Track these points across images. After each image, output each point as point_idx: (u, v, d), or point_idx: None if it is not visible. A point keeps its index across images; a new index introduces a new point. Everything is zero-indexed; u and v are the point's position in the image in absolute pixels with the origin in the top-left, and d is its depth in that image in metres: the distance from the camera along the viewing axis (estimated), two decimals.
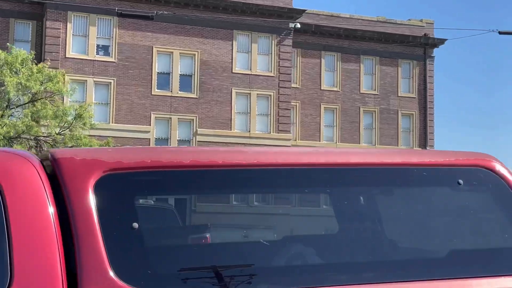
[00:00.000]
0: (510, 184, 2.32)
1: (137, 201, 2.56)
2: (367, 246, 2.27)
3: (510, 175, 2.37)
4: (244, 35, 34.33)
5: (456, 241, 2.33)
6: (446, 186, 2.38)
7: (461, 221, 2.44)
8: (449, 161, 2.36)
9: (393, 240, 2.37)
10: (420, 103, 39.89)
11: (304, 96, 37.39)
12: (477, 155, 2.42)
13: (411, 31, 40.04)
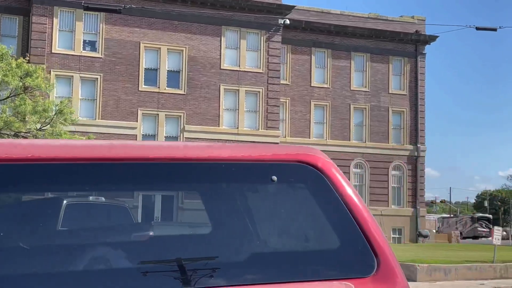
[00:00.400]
0: (333, 181, 2.13)
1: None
2: (154, 246, 2.09)
3: (335, 171, 2.19)
4: (232, 31, 34.12)
5: (260, 243, 2.14)
6: (257, 183, 2.18)
7: (268, 222, 2.26)
8: (264, 156, 2.16)
9: (184, 242, 2.19)
10: (411, 100, 39.69)
11: (294, 92, 37.20)
12: (299, 150, 2.22)
13: (402, 27, 39.81)
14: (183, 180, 2.17)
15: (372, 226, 2.14)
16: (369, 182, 38.22)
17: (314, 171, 2.14)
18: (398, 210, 38.70)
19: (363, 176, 38.31)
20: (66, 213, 2.44)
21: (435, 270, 14.84)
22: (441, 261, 15.49)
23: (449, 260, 15.94)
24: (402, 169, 39.12)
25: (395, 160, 38.97)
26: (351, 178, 37.82)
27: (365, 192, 38.14)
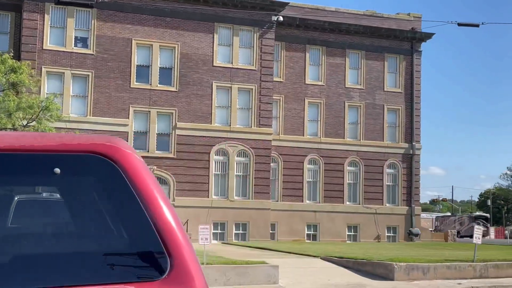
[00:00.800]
0: (129, 174, 1.97)
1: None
2: None
3: (136, 163, 2.02)
4: (225, 28, 33.98)
5: (28, 244, 1.97)
6: (38, 176, 2.01)
7: (42, 220, 2.11)
8: (50, 146, 1.97)
9: None
10: (407, 98, 39.45)
11: (288, 90, 37.03)
12: (96, 139, 2.03)
13: (398, 25, 39.57)
14: None
15: (169, 224, 1.99)
16: (363, 181, 38.02)
17: (108, 162, 1.97)
18: (393, 209, 38.51)
19: (357, 174, 38.12)
20: None
21: (413, 269, 14.68)
22: (421, 260, 15.33)
23: (430, 259, 15.77)
24: (397, 168, 38.91)
25: (390, 158, 38.76)
26: (345, 176, 37.69)
27: (359, 190, 37.96)
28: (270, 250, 21.38)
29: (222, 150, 33.43)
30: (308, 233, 36.78)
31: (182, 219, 31.86)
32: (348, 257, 16.55)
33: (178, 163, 32.41)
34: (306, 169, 37.00)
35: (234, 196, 33.48)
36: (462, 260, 15.55)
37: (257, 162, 33.84)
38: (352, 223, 37.61)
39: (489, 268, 15.29)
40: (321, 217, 36.88)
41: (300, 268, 15.57)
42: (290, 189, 36.52)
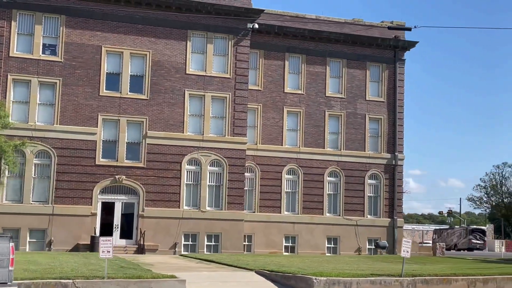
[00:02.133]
0: None
1: None
2: None
3: None
4: (199, 35, 33.49)
5: None
6: None
7: None
8: None
9: None
10: (389, 107, 38.56)
11: (266, 98, 36.38)
12: None
13: (381, 33, 38.77)
14: None
15: None
16: (344, 191, 37.12)
17: None
18: (375, 220, 37.51)
19: (338, 185, 37.23)
20: None
21: (334, 284, 13.84)
22: (345, 274, 14.46)
23: (356, 273, 14.88)
24: (379, 178, 37.95)
25: (372, 168, 37.83)
26: (325, 186, 36.84)
27: (339, 201, 37.06)
28: (215, 263, 20.61)
29: (195, 160, 32.81)
30: (286, 245, 35.92)
31: (152, 230, 31.31)
32: (279, 271, 15.75)
33: (148, 172, 31.86)
34: (285, 180, 36.23)
35: (206, 206, 32.79)
36: (390, 275, 14.63)
37: (231, 172, 33.15)
38: (332, 235, 36.68)
39: (417, 283, 14.40)
40: (299, 229, 36.02)
41: (220, 282, 14.82)
42: (267, 199, 35.75)
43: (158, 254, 29.92)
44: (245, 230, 34.40)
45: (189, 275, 15.78)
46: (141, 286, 12.47)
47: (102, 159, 31.26)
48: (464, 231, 69.04)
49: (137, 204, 31.73)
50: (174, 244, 31.58)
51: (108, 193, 31.30)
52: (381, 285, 14.10)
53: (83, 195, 30.65)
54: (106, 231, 30.97)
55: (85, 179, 30.77)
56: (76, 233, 30.16)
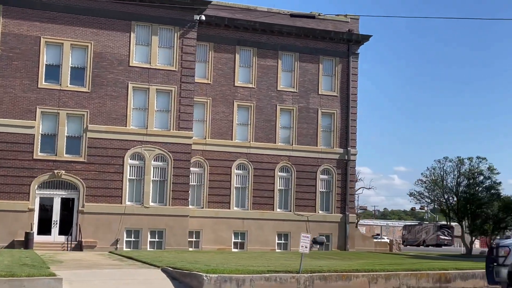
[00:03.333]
0: None
1: None
2: None
3: None
4: (143, 26, 32.71)
5: None
6: None
7: None
8: None
9: None
10: (343, 102, 38.09)
11: (216, 92, 35.71)
12: None
13: (334, 26, 38.29)
14: None
15: None
16: (295, 187, 36.61)
17: None
18: (326, 216, 37.06)
19: (289, 180, 36.71)
20: None
21: (226, 281, 13.25)
22: (239, 271, 13.87)
23: (253, 269, 14.29)
24: (332, 173, 37.48)
25: (324, 164, 37.35)
26: (276, 181, 36.30)
27: (291, 196, 36.55)
28: (133, 260, 19.93)
29: (138, 154, 32.07)
30: (235, 241, 35.33)
31: (92, 226, 30.56)
32: (179, 268, 15.12)
33: (89, 167, 31.06)
34: (234, 175, 35.62)
35: (150, 202, 32.07)
36: (287, 271, 14.06)
37: (175, 166, 32.46)
38: (283, 231, 36.16)
39: (315, 280, 13.83)
40: (249, 225, 35.45)
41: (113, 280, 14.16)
42: (216, 195, 35.12)
43: (96, 250, 29.16)
44: (193, 226, 33.77)
45: (84, 273, 15.12)
46: (13, 285, 11.78)
47: (41, 153, 30.40)
48: (433, 228, 69.20)
49: (77, 200, 30.93)
50: (116, 240, 30.84)
51: (47, 188, 30.46)
52: (276, 282, 13.54)
53: (20, 190, 29.79)
54: (44, 227, 30.18)
55: (22, 174, 29.91)
56: (12, 229, 29.30)
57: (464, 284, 15.52)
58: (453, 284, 15.39)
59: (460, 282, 15.48)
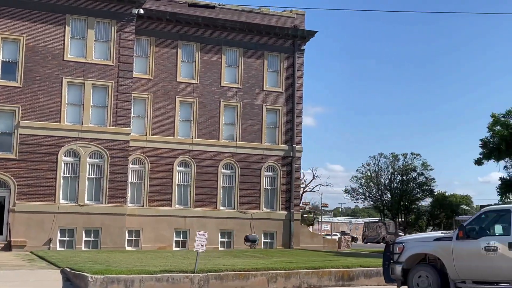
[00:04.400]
0: None
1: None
2: None
3: None
4: (79, 19, 31.78)
5: None
6: None
7: None
8: None
9: None
10: (288, 98, 37.69)
11: (158, 88, 34.96)
12: None
13: (280, 22, 37.85)
14: None
15: None
16: (239, 184, 36.10)
17: None
18: (271, 213, 36.65)
19: (233, 177, 36.17)
20: None
21: (113, 282, 12.65)
22: (129, 271, 13.27)
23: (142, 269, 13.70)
24: (276, 170, 37.08)
25: (268, 160, 36.91)
26: (219, 179, 35.74)
27: (234, 194, 36.03)
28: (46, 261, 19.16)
29: (73, 151, 31.16)
30: (177, 239, 34.66)
31: (24, 225, 29.59)
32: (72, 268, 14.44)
33: (20, 165, 30.04)
34: (176, 172, 34.93)
35: (85, 200, 31.19)
36: (182, 271, 13.50)
37: (112, 164, 31.64)
38: (226, 229, 35.62)
39: (210, 279, 13.32)
40: (191, 223, 34.81)
41: None
42: (157, 193, 34.39)
43: (26, 250, 28.20)
44: (133, 225, 33.04)
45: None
46: None
47: None
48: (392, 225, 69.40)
49: (8, 198, 29.91)
50: (49, 240, 29.91)
51: None
52: (168, 283, 12.97)
53: None
54: None
55: None
56: None
57: (367, 282, 15.20)
58: (356, 282, 15.05)
59: (363, 280, 15.15)
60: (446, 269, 12.63)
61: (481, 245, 12.24)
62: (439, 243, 12.77)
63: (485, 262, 12.13)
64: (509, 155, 34.32)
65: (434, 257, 12.97)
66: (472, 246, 12.33)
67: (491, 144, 34.10)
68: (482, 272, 12.23)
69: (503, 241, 12.11)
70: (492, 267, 12.11)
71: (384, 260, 13.29)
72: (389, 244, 13.43)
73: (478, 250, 12.22)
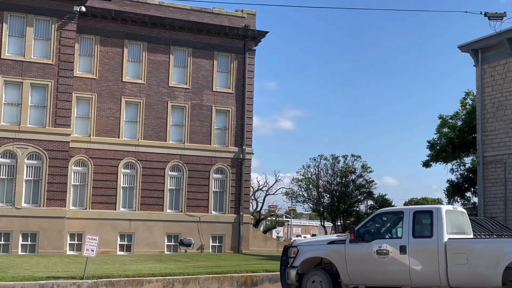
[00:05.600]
0: None
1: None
2: None
3: None
4: (17, 17, 30.83)
5: None
6: None
7: None
8: None
9: None
10: (238, 99, 37.11)
11: (102, 88, 34.11)
12: None
13: (230, 22, 37.27)
14: None
15: None
16: (187, 186, 35.37)
17: None
18: (219, 217, 35.97)
19: (180, 180, 35.44)
20: None
21: None
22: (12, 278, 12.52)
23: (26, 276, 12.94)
24: (226, 173, 36.43)
25: (218, 162, 36.26)
26: (166, 181, 34.98)
27: (182, 197, 35.29)
28: None
29: (10, 152, 30.17)
30: (121, 243, 33.80)
31: None
32: None
33: None
34: (121, 174, 34.09)
35: (22, 203, 30.20)
36: (70, 277, 12.79)
37: (51, 165, 30.70)
38: (173, 232, 34.85)
39: (100, 286, 12.63)
40: (136, 226, 33.99)
41: None
42: (101, 195, 33.50)
43: None
44: (75, 228, 32.14)
45: None
46: None
47: None
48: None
49: None
50: None
51: None
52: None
53: None
54: None
55: None
56: None
57: (272, 287, 14.64)
58: (260, 287, 14.47)
59: (267, 285, 14.59)
60: (339, 274, 12.10)
61: (373, 249, 11.74)
62: (333, 246, 12.25)
63: (377, 266, 11.63)
64: (456, 158, 34.15)
65: (329, 261, 12.44)
66: (365, 250, 11.82)
67: (438, 146, 33.88)
68: (374, 276, 11.72)
69: (394, 244, 11.61)
70: (384, 271, 11.60)
71: (281, 265, 12.73)
72: (286, 248, 12.87)
73: (370, 253, 11.72)
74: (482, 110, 25.40)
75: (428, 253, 11.23)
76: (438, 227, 11.38)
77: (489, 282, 10.72)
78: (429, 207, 12.06)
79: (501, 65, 24.11)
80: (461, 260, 10.99)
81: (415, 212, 11.75)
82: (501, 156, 24.26)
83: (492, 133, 24.91)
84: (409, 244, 11.39)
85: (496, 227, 17.47)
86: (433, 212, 11.60)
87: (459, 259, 11.01)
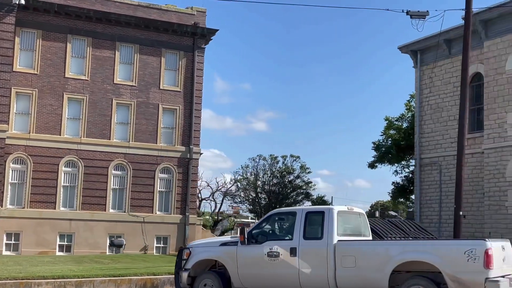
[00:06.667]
0: None
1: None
2: None
3: None
4: None
5: None
6: None
7: None
8: None
9: None
10: (186, 98, 36.43)
11: (43, 83, 33.12)
12: None
13: (179, 19, 36.59)
14: None
15: None
16: (131, 186, 34.55)
17: None
18: (164, 217, 35.24)
19: (125, 179, 34.61)
20: None
21: None
22: None
23: None
24: (172, 172, 35.71)
25: (164, 162, 35.52)
26: (109, 180, 34.12)
27: (126, 196, 34.46)
28: None
29: None
30: (60, 243, 32.83)
31: None
32: None
33: None
34: (62, 172, 33.13)
35: None
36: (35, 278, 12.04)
37: None
38: (115, 233, 33.99)
39: None
40: (77, 226, 33.05)
41: None
42: (40, 194, 32.50)
43: None
44: (12, 227, 31.15)
45: None
46: None
47: None
48: None
49: None
50: None
51: None
52: None
53: None
54: None
55: None
56: None
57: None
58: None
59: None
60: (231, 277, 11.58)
61: (265, 251, 11.22)
62: (225, 248, 11.71)
63: (268, 269, 11.12)
64: (401, 160, 34.06)
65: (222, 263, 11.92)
66: (256, 252, 11.30)
67: (383, 147, 33.75)
68: (265, 280, 11.20)
69: (285, 246, 11.11)
70: (273, 274, 11.09)
71: (175, 267, 12.15)
72: (180, 250, 12.30)
73: (262, 256, 11.20)
74: (420, 112, 25.19)
75: (317, 255, 10.75)
76: (328, 229, 10.92)
77: (377, 286, 10.30)
78: (321, 207, 11.61)
79: (439, 66, 23.93)
80: (349, 263, 10.55)
81: (308, 213, 11.28)
82: (437, 158, 24.07)
83: (429, 135, 24.71)
84: (300, 246, 10.91)
85: (414, 229, 17.18)
86: (324, 212, 11.15)
87: (348, 262, 10.56)
